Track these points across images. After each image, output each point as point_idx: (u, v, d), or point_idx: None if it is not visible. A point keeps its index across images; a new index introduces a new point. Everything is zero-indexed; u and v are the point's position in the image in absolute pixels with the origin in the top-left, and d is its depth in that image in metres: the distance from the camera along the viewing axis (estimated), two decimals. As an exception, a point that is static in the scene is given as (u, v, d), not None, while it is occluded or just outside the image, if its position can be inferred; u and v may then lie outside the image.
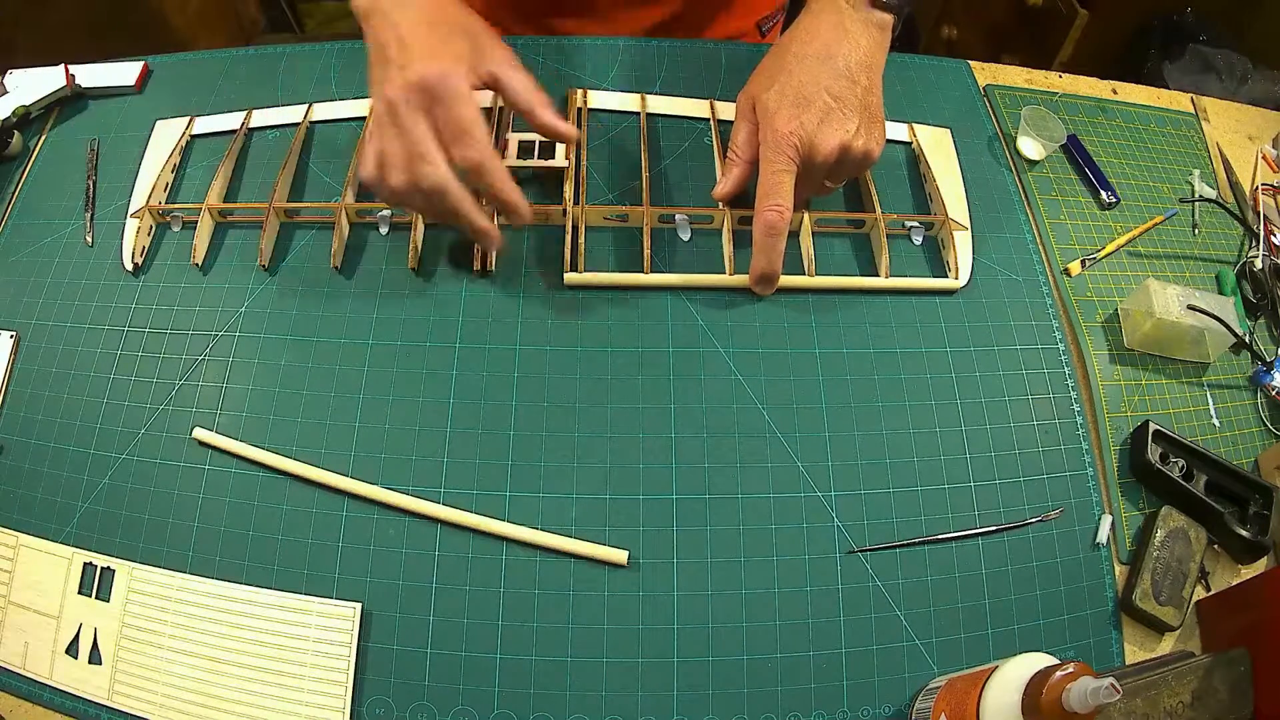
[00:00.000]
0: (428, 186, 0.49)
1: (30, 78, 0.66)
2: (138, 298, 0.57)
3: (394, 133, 0.48)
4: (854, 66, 0.52)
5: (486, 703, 0.45)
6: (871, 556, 0.50)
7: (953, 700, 0.42)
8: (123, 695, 0.46)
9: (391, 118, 0.48)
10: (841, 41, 0.52)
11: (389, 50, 0.48)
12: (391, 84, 0.48)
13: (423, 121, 0.48)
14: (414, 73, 0.47)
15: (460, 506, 0.49)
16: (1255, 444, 0.58)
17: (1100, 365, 0.58)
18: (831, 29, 0.53)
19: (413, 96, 0.47)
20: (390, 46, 0.49)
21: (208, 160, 0.63)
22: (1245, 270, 0.64)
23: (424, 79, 0.47)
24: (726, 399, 0.53)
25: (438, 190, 0.49)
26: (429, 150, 0.48)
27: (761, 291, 0.56)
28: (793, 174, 0.51)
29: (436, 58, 0.48)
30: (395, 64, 0.48)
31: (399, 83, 0.47)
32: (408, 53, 0.48)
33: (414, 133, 0.48)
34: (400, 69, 0.48)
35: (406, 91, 0.47)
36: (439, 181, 0.48)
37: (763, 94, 0.53)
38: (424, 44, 0.48)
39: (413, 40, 0.48)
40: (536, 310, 0.56)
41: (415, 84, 0.47)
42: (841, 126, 0.51)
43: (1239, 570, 0.53)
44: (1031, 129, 0.65)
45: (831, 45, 0.52)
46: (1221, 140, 0.73)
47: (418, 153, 0.48)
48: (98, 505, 0.50)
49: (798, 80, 0.52)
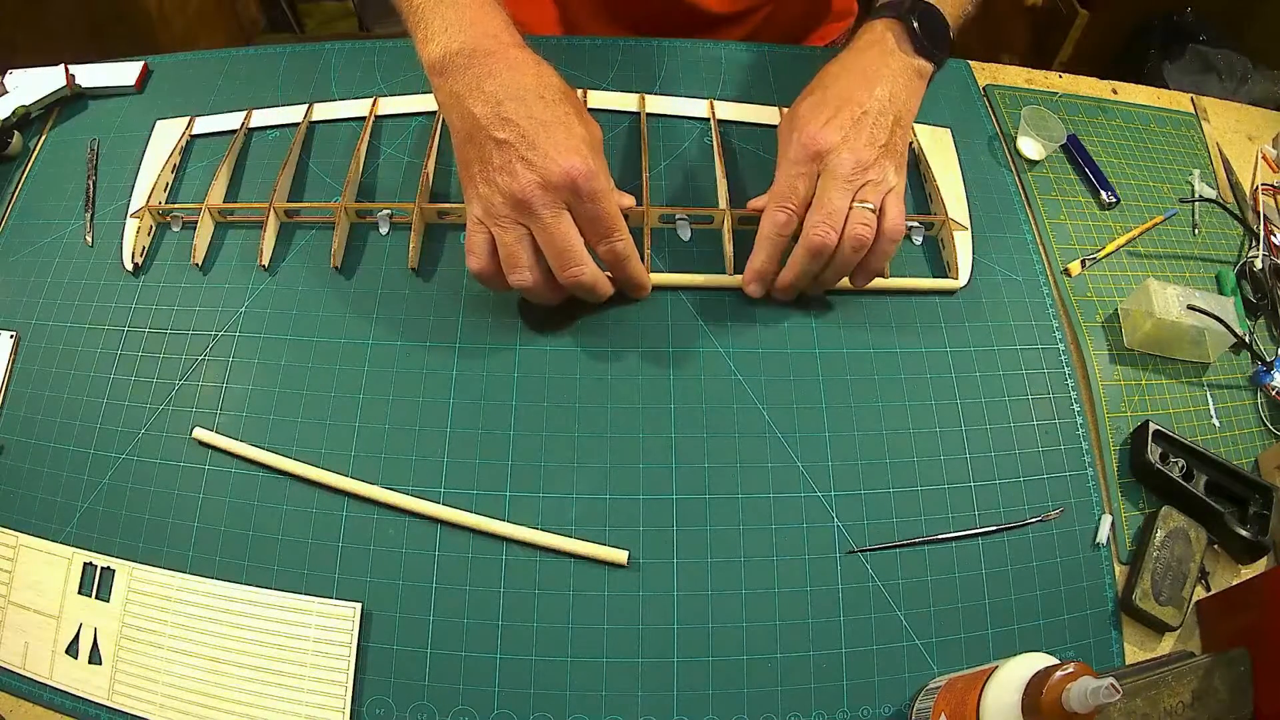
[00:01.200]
0: (578, 285, 0.48)
1: (30, 78, 0.66)
2: (138, 298, 0.57)
3: (521, 231, 0.46)
4: (889, 98, 0.52)
5: (486, 703, 0.45)
6: (871, 556, 0.50)
7: (953, 700, 0.42)
8: (123, 695, 0.46)
9: (522, 214, 0.45)
10: (881, 73, 0.53)
11: (498, 132, 0.45)
12: (520, 179, 0.44)
13: (566, 219, 0.45)
14: (556, 171, 0.44)
15: (460, 506, 0.49)
16: (1255, 444, 0.58)
17: (1100, 365, 0.58)
18: (874, 62, 0.54)
19: (553, 196, 0.45)
20: (496, 127, 0.45)
21: (208, 160, 0.63)
22: (1245, 270, 0.64)
23: (569, 177, 0.44)
24: (726, 399, 0.53)
25: (587, 288, 0.48)
26: (580, 253, 0.46)
27: (753, 292, 0.55)
28: (810, 181, 0.51)
29: (574, 151, 0.45)
30: (518, 155, 0.44)
31: (532, 179, 0.44)
32: (533, 143, 0.44)
33: (558, 235, 0.45)
34: (531, 164, 0.44)
35: (546, 191, 0.44)
36: (591, 281, 0.48)
37: (798, 105, 0.54)
38: (548, 130, 0.45)
39: (531, 125, 0.45)
40: (536, 310, 0.56)
41: (558, 183, 0.44)
42: (867, 142, 0.51)
43: (1239, 570, 0.53)
44: (1031, 129, 0.65)
45: (871, 74, 0.53)
46: (1221, 140, 0.73)
47: (568, 255, 0.46)
48: (98, 505, 0.50)
49: (834, 94, 0.52)
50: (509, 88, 0.46)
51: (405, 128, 0.64)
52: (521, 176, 0.44)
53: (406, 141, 0.63)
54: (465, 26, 0.48)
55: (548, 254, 0.47)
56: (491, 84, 0.46)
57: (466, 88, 0.46)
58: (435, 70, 0.48)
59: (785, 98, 0.67)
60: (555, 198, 0.45)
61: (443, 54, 0.48)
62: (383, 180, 0.62)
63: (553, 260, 0.47)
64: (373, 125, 0.63)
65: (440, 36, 0.48)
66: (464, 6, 0.49)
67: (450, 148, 0.63)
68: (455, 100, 0.47)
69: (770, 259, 0.54)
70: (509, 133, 0.45)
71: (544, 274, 0.49)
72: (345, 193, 0.58)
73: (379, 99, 0.65)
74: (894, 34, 0.55)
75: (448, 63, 0.47)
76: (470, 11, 0.49)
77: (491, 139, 0.46)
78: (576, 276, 0.48)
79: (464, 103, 0.46)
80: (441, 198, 0.61)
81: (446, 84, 0.48)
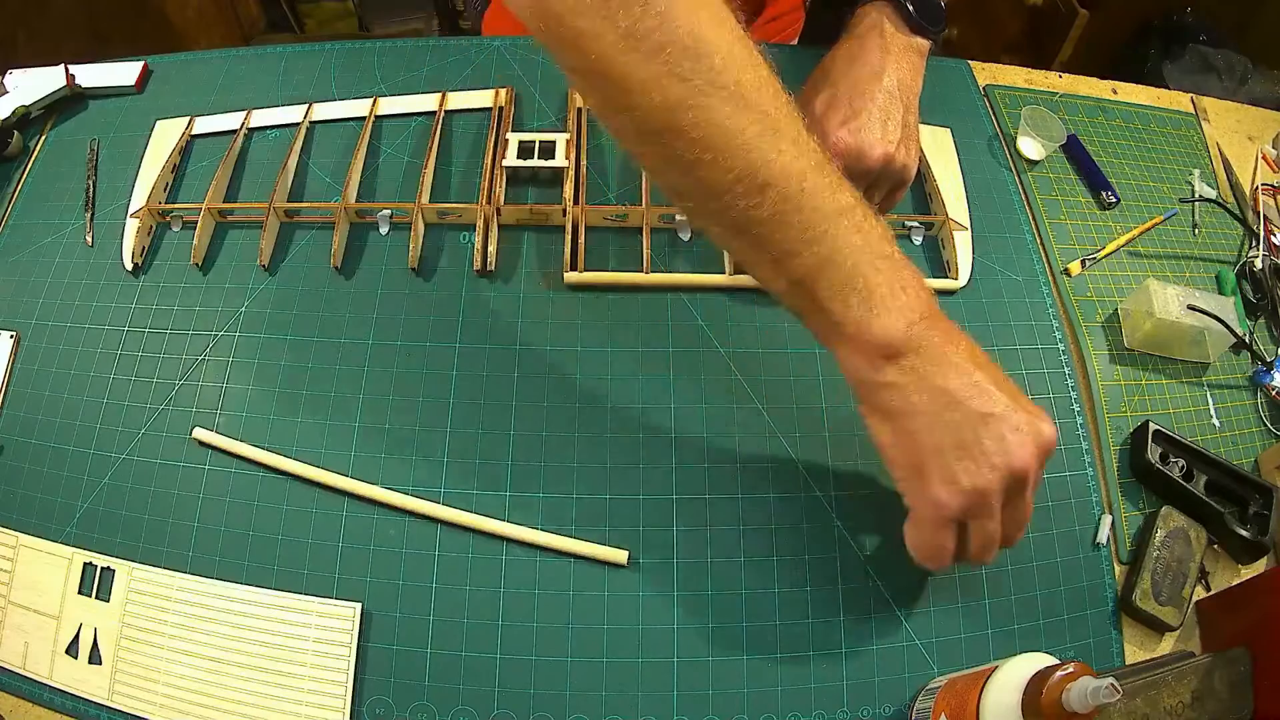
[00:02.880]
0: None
1: (30, 78, 0.66)
2: (138, 298, 0.57)
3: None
4: (897, 85, 0.53)
5: (486, 703, 0.45)
6: (871, 556, 0.50)
7: (953, 700, 0.42)
8: (123, 695, 0.46)
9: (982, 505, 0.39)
10: (885, 61, 0.53)
11: (1002, 415, 0.38)
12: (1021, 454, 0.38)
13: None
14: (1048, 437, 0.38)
15: (460, 506, 0.49)
16: (1255, 444, 0.58)
17: (1100, 365, 0.58)
18: (876, 50, 0.54)
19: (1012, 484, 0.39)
20: (1003, 417, 0.38)
21: (208, 160, 0.63)
22: (1245, 270, 0.64)
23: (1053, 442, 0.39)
24: (726, 399, 0.53)
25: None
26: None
27: None
28: None
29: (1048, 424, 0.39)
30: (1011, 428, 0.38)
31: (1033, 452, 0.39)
32: (1017, 426, 0.38)
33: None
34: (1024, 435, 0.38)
35: (1002, 482, 0.39)
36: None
37: (810, 103, 0.53)
38: (1022, 411, 0.39)
39: (1010, 410, 0.39)
40: (536, 310, 0.56)
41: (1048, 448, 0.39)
42: (886, 137, 0.51)
43: (1239, 570, 0.53)
44: (1031, 129, 0.65)
45: (876, 64, 0.53)
46: (1221, 140, 0.73)
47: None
48: (98, 505, 0.50)
49: (844, 90, 0.52)
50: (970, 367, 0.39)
51: (405, 128, 0.64)
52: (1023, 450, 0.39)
53: (406, 142, 0.63)
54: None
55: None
56: (984, 373, 0.39)
57: (960, 377, 0.39)
58: (910, 350, 0.39)
59: (785, 98, 0.66)
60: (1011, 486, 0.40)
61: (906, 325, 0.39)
62: (383, 180, 0.62)
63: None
64: (373, 125, 0.63)
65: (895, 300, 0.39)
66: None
67: (449, 147, 0.63)
68: (947, 394, 0.39)
69: None
70: (1005, 426, 0.39)
71: None
72: (345, 193, 0.58)
73: (379, 99, 0.65)
74: (889, 17, 0.55)
75: (922, 345, 0.39)
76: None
77: (986, 427, 0.38)
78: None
79: (967, 399, 0.39)
80: (441, 198, 0.61)
81: (930, 373, 0.39)
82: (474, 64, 0.69)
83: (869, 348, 0.39)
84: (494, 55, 0.69)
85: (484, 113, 0.65)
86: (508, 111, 0.64)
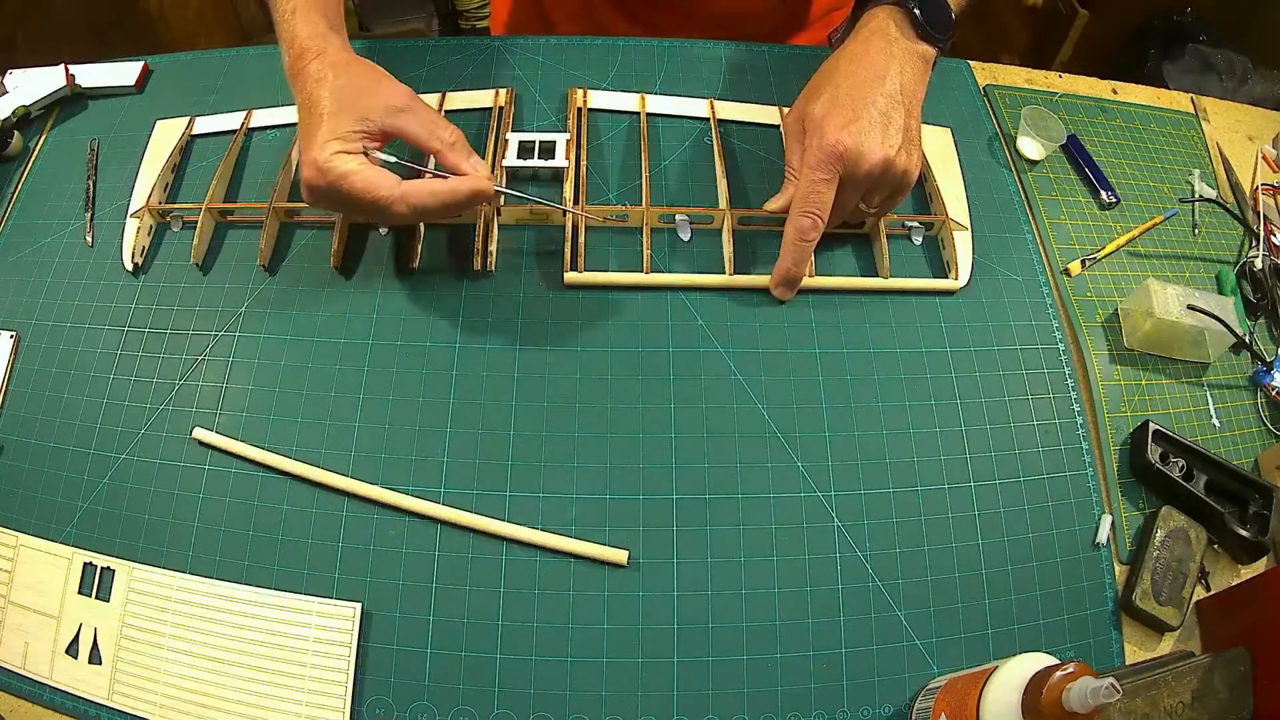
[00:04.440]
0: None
1: (30, 78, 0.66)
2: (138, 298, 0.57)
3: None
4: (900, 89, 0.53)
5: (486, 703, 0.45)
6: (871, 556, 0.50)
7: (953, 700, 0.42)
8: (123, 695, 0.46)
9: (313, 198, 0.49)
10: (889, 64, 0.53)
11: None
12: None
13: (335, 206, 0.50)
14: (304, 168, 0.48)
15: (460, 506, 0.49)
16: (1255, 444, 0.58)
17: (1100, 365, 0.58)
18: (880, 53, 0.54)
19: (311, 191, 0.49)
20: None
21: (208, 160, 0.63)
22: (1245, 270, 0.64)
23: (308, 182, 0.48)
24: (726, 399, 0.53)
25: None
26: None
27: (781, 295, 0.56)
28: (833, 186, 0.52)
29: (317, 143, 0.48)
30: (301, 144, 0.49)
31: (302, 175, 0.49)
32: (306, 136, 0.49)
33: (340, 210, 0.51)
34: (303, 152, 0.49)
35: (304, 188, 0.49)
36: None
37: (811, 105, 0.53)
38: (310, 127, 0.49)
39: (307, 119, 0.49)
40: (536, 310, 0.56)
41: (306, 182, 0.48)
42: (886, 141, 0.51)
43: (1239, 570, 0.53)
44: (1031, 129, 0.65)
45: (879, 67, 0.53)
46: (1221, 140, 0.73)
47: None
48: (98, 505, 0.50)
49: (846, 93, 0.52)
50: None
51: (405, 128, 0.64)
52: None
53: (406, 141, 0.63)
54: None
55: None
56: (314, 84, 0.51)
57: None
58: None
59: (785, 98, 0.67)
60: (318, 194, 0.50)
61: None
62: (383, 180, 0.62)
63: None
64: (373, 125, 0.63)
65: None
66: None
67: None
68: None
69: (798, 263, 0.54)
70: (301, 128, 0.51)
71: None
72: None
73: (379, 99, 0.65)
74: (896, 21, 0.55)
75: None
76: None
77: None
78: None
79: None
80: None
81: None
82: (474, 64, 0.69)
83: None
84: (494, 55, 0.69)
85: (484, 113, 0.65)
86: (508, 111, 0.64)
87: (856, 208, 0.56)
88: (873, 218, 0.58)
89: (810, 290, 0.57)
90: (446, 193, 0.49)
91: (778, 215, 0.55)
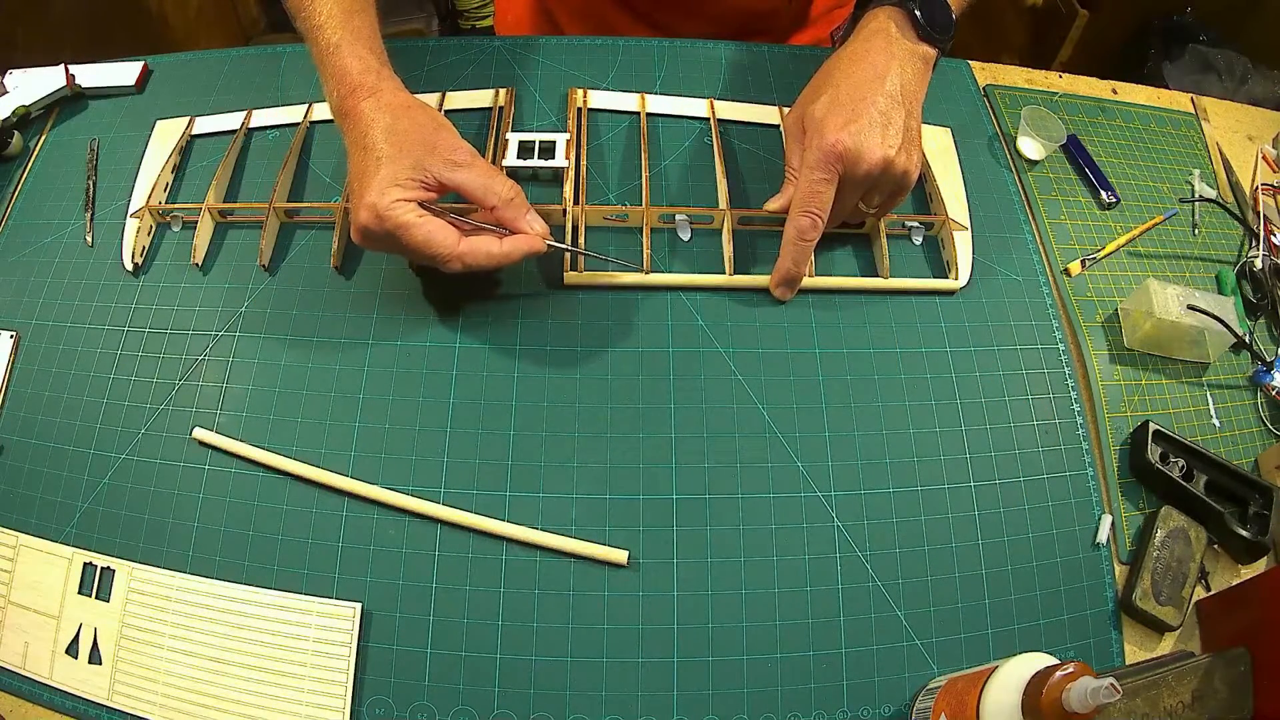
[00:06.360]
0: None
1: (30, 78, 0.66)
2: (138, 298, 0.57)
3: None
4: (900, 90, 0.53)
5: (486, 703, 0.45)
6: (871, 556, 0.50)
7: (953, 700, 0.42)
8: (123, 695, 0.46)
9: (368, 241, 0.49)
10: (890, 64, 0.53)
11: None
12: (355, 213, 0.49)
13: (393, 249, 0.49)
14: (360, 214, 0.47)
15: (460, 506, 0.49)
16: (1255, 444, 0.58)
17: (1100, 365, 0.58)
18: (880, 53, 0.54)
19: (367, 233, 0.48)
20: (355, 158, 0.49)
21: (208, 160, 0.63)
22: (1245, 270, 0.64)
23: (364, 226, 0.48)
24: (726, 399, 0.53)
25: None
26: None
27: (781, 295, 0.56)
28: (833, 185, 0.52)
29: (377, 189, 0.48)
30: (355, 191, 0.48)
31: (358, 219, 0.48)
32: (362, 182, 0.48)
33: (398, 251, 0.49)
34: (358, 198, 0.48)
35: (357, 229, 0.49)
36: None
37: (811, 105, 0.53)
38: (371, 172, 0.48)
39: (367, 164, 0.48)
40: (536, 310, 0.56)
41: (361, 226, 0.48)
42: (886, 141, 0.51)
43: (1239, 570, 0.53)
44: (1031, 129, 0.65)
45: (880, 67, 0.53)
46: (1221, 140, 0.73)
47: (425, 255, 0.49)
48: (98, 505, 0.50)
49: (846, 93, 0.52)
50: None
51: (405, 128, 0.64)
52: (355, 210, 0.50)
53: (406, 141, 0.63)
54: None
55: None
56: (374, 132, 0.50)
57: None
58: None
59: (785, 98, 0.67)
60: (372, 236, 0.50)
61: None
62: (383, 180, 0.62)
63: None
64: (373, 125, 0.63)
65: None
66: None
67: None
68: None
69: (798, 263, 0.54)
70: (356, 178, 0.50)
71: None
72: (345, 193, 0.58)
73: (379, 99, 0.65)
74: (896, 22, 0.55)
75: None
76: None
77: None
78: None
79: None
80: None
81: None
82: (474, 64, 0.69)
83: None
84: (494, 55, 0.69)
85: (484, 112, 0.65)
86: (508, 111, 0.64)
87: (856, 208, 0.56)
88: (873, 218, 0.58)
89: (810, 290, 0.57)
90: (502, 255, 0.49)
91: (778, 215, 0.55)
